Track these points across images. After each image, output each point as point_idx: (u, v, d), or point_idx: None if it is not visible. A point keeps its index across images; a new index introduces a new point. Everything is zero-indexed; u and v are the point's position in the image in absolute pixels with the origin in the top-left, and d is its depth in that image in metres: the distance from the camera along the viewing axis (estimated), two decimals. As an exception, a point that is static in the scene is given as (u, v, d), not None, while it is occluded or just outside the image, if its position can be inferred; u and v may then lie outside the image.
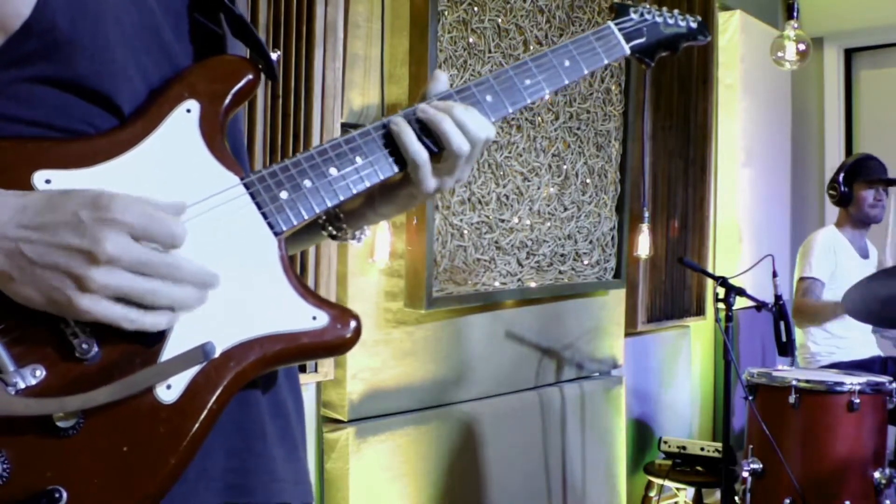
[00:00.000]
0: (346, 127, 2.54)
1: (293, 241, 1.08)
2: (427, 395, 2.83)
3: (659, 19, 1.18)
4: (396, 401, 2.73)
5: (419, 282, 2.69)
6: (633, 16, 1.15)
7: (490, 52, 2.89)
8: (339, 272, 2.54)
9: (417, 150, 0.96)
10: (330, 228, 1.06)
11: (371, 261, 2.60)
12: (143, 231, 0.77)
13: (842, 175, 3.90)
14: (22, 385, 0.76)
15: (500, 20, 2.93)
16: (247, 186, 0.88)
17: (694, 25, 1.23)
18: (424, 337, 2.80)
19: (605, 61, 1.11)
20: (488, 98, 1.02)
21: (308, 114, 2.39)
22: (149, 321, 0.79)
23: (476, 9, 2.84)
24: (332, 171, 0.93)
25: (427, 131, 0.97)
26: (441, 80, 1.03)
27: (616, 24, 1.14)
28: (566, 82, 1.07)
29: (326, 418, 2.62)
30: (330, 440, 2.59)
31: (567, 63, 1.08)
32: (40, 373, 0.77)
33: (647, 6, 1.19)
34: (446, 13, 2.73)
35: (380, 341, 2.67)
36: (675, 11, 1.21)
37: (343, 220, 1.06)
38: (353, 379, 2.59)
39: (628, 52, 1.14)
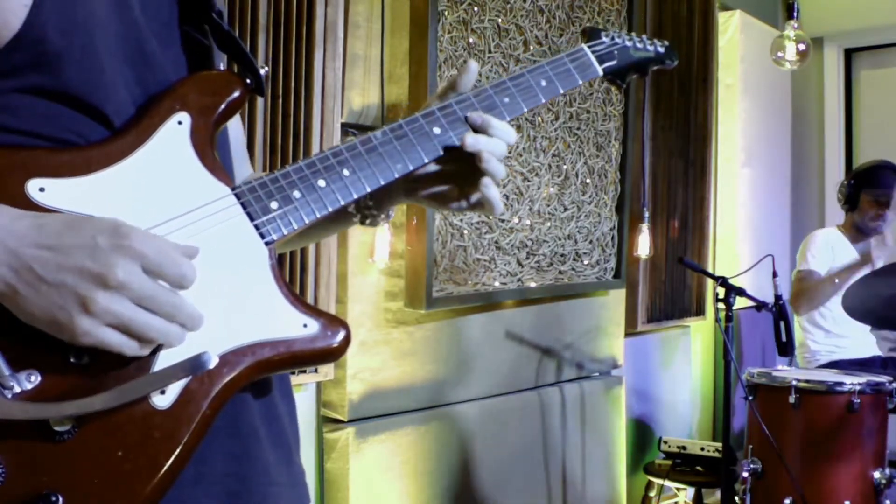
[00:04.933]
0: (345, 127, 2.54)
1: (321, 229, 1.14)
2: (427, 395, 2.83)
3: (629, 43, 1.23)
4: (396, 401, 2.73)
5: (419, 282, 2.69)
6: (604, 39, 1.20)
7: (490, 52, 2.89)
8: (339, 272, 2.54)
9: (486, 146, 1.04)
10: (359, 216, 1.11)
11: (371, 261, 2.60)
12: (157, 266, 0.79)
13: (852, 179, 3.88)
14: (18, 389, 0.77)
15: (500, 20, 2.93)
16: (238, 197, 0.90)
17: (662, 50, 1.27)
18: (424, 337, 2.80)
19: (580, 82, 1.16)
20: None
21: (308, 114, 2.39)
22: (144, 353, 0.80)
23: (476, 9, 2.84)
24: (321, 182, 0.94)
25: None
26: (471, 72, 1.09)
27: (589, 47, 1.18)
28: (543, 101, 1.12)
29: (326, 418, 2.62)
30: (330, 440, 2.59)
31: (543, 83, 1.12)
32: (35, 378, 0.78)
33: (618, 31, 1.24)
34: (446, 13, 2.73)
35: (380, 341, 2.67)
36: (644, 36, 1.26)
37: (373, 206, 1.10)
38: (353, 379, 2.59)
39: (601, 73, 1.19)
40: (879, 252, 3.59)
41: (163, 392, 0.80)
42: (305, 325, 0.89)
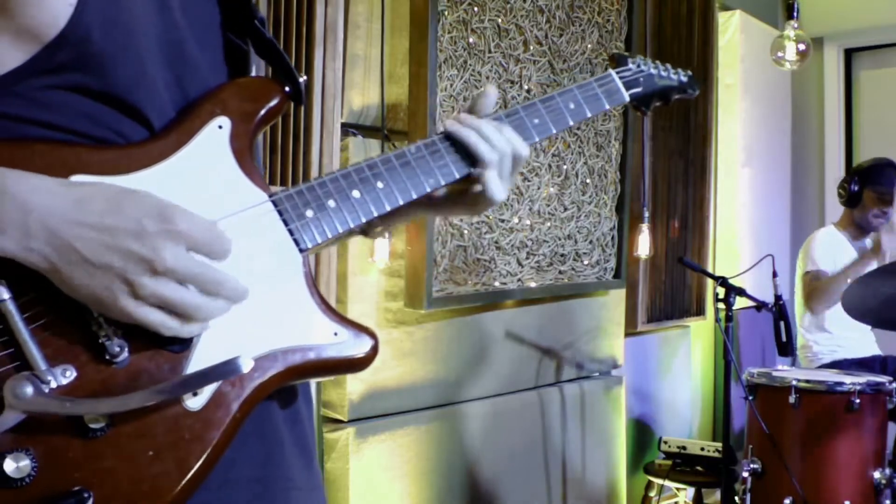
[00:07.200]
0: (345, 127, 2.54)
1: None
2: (427, 394, 2.83)
3: (654, 71, 1.27)
4: (396, 401, 2.73)
5: (419, 282, 2.69)
6: (631, 66, 1.24)
7: (490, 52, 2.89)
8: (339, 272, 2.54)
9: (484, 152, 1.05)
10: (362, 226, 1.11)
11: (371, 261, 2.60)
12: (201, 245, 0.80)
13: (855, 176, 3.88)
14: (54, 384, 0.77)
15: (500, 20, 2.93)
16: (274, 204, 0.91)
17: (685, 79, 1.32)
18: (424, 337, 2.80)
19: (607, 107, 1.20)
20: None
21: (308, 114, 2.39)
22: (185, 331, 0.81)
23: (476, 9, 2.84)
24: (355, 193, 0.97)
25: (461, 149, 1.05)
26: (489, 97, 1.10)
27: (616, 73, 1.22)
28: (571, 123, 1.15)
29: (326, 418, 2.62)
30: (330, 440, 2.59)
31: (572, 106, 1.16)
32: (70, 373, 0.78)
33: (643, 58, 1.28)
34: (446, 13, 2.73)
35: (380, 341, 2.66)
36: (668, 65, 1.30)
37: (377, 220, 1.10)
38: (353, 379, 2.59)
39: (627, 99, 1.22)
40: (889, 241, 3.59)
41: (195, 394, 0.81)
42: (336, 334, 0.91)
